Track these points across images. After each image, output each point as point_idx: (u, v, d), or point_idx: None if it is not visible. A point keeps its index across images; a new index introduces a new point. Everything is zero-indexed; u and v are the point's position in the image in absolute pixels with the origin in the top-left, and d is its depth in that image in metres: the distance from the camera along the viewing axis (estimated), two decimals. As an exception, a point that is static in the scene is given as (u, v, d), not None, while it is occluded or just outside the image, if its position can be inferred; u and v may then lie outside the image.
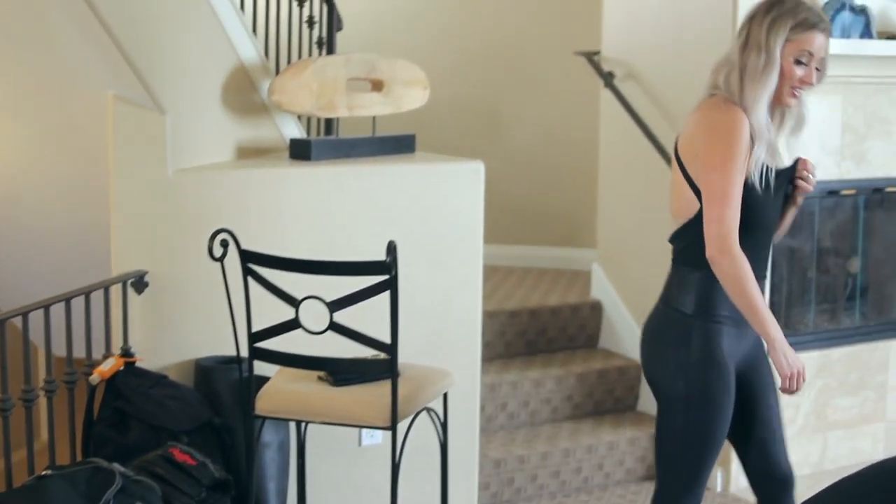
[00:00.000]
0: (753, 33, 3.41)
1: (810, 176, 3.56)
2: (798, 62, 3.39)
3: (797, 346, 5.77)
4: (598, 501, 5.50)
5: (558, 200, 7.48)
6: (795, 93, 3.43)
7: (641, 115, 5.89)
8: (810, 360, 5.83)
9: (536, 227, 7.53)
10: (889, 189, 5.99)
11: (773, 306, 5.70)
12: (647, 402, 5.99)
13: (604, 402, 6.00)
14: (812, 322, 6.00)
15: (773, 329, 3.32)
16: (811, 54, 3.39)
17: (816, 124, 5.64)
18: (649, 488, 5.63)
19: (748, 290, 3.30)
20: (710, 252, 3.31)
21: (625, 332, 6.20)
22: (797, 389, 3.37)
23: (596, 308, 6.37)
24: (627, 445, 5.69)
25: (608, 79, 6.10)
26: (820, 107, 5.62)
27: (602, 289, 6.39)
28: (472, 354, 4.99)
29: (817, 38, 3.39)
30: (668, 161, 5.70)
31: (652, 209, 6.00)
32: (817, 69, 3.44)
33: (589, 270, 6.64)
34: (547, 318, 6.25)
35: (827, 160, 5.72)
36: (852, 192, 5.92)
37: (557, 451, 5.51)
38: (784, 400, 5.62)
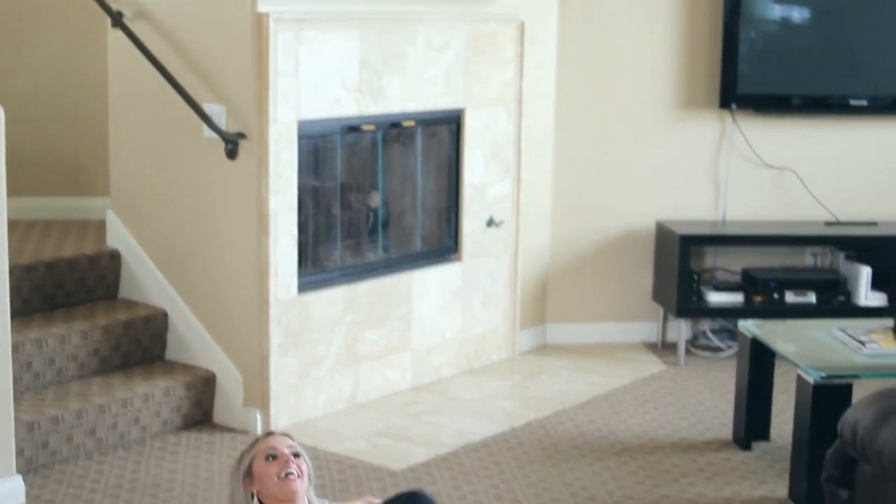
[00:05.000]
0: None
1: None
2: None
3: (325, 283, 5.83)
4: (138, 456, 5.31)
5: (62, 147, 7.09)
6: None
7: (156, 55, 5.67)
8: (338, 296, 5.87)
9: (39, 176, 7.08)
10: (406, 123, 6.10)
11: (301, 245, 5.68)
12: (176, 350, 5.86)
13: (132, 353, 5.80)
14: (339, 258, 6.02)
15: None
16: None
17: (335, 61, 5.66)
18: (187, 438, 5.52)
19: None
20: None
21: (147, 281, 6.00)
22: None
23: (114, 257, 6.11)
24: (162, 396, 5.53)
25: (117, 18, 5.83)
26: (338, 43, 5.63)
27: (119, 237, 6.13)
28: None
29: None
30: (186, 99, 5.55)
31: (169, 151, 5.83)
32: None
33: (100, 219, 6.36)
34: (64, 270, 5.96)
35: (347, 96, 5.73)
36: (371, 127, 5.97)
37: (92, 408, 5.26)
38: (316, 336, 5.67)
